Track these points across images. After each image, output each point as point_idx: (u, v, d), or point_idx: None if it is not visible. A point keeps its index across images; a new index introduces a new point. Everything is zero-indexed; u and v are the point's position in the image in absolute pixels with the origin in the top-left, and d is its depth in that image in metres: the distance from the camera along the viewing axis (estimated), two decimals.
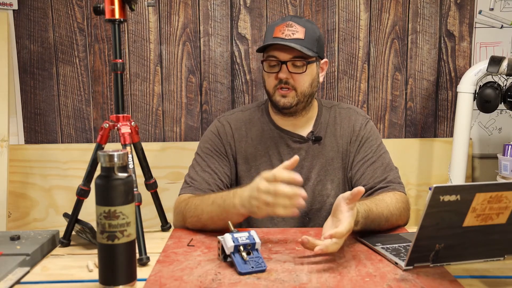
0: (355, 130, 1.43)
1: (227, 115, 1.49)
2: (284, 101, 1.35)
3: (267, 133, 1.44)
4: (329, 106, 1.49)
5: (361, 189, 1.02)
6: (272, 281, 0.92)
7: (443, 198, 0.88)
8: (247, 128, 1.45)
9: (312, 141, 1.42)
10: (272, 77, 1.35)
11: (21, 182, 2.03)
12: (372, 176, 1.36)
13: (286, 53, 1.32)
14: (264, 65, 1.37)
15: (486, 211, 0.93)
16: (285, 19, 1.36)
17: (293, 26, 1.33)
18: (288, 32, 1.32)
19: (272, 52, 1.34)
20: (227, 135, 1.44)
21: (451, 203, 0.89)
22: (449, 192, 0.88)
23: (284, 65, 1.33)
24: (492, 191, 0.91)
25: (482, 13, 2.06)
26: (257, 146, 1.43)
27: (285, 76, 1.33)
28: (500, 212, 0.94)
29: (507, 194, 0.92)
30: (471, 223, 0.93)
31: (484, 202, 0.91)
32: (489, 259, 1.00)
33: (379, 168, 1.37)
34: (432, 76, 2.10)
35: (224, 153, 1.42)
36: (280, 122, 1.44)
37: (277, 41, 1.31)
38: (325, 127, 1.44)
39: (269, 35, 1.36)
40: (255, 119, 1.47)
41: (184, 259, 1.05)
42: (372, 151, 1.40)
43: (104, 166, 0.87)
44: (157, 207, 1.27)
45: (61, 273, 1.01)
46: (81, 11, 2.02)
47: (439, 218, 0.91)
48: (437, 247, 0.95)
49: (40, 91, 2.06)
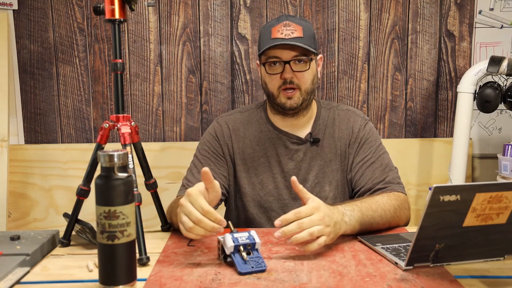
0: (354, 131, 1.43)
1: (225, 116, 1.49)
2: (291, 102, 1.35)
3: (265, 134, 1.44)
4: (328, 107, 1.48)
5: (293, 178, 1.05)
6: (272, 281, 0.92)
7: (443, 198, 0.88)
8: (245, 128, 1.45)
9: (310, 142, 1.42)
10: (275, 79, 1.34)
11: (21, 182, 2.03)
12: (371, 177, 1.36)
13: (288, 52, 1.32)
14: (265, 67, 1.35)
15: (486, 211, 0.92)
16: (280, 20, 1.35)
17: (290, 25, 1.33)
18: (287, 32, 1.32)
19: (273, 53, 1.33)
20: (225, 136, 1.44)
21: (451, 203, 0.89)
22: (449, 192, 0.88)
23: (287, 65, 1.32)
24: (492, 191, 0.91)
25: (482, 13, 2.06)
26: (255, 147, 1.43)
27: (290, 76, 1.32)
28: (500, 212, 0.93)
29: (507, 194, 0.92)
30: (471, 223, 0.93)
31: (484, 202, 0.91)
32: (489, 259, 1.00)
33: (378, 169, 1.37)
34: (432, 76, 2.10)
35: (221, 154, 1.42)
36: (279, 123, 1.44)
37: (279, 42, 1.30)
38: (323, 128, 1.44)
39: (267, 37, 1.34)
40: (254, 120, 1.47)
41: (184, 259, 1.05)
42: (371, 152, 1.40)
43: (104, 166, 0.87)
44: (157, 207, 1.27)
45: (61, 273, 1.01)
46: (81, 11, 2.02)
47: (439, 218, 0.91)
48: (437, 247, 0.95)
49: (40, 91, 2.06)
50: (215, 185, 1.05)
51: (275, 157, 1.42)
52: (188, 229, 1.00)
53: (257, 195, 1.41)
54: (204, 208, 0.98)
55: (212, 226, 0.98)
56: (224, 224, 1.00)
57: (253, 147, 1.43)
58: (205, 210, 0.98)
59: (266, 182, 1.41)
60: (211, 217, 0.98)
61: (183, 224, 1.01)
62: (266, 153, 1.42)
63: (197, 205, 0.99)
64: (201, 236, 1.01)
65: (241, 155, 1.43)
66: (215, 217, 0.98)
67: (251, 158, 1.42)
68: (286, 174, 1.40)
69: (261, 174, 1.41)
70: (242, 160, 1.42)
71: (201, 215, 0.98)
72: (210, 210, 0.99)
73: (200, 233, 1.00)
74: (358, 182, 1.38)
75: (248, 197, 1.41)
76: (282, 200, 1.40)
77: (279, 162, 1.41)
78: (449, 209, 0.90)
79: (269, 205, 1.40)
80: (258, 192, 1.41)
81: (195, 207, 0.99)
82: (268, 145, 1.43)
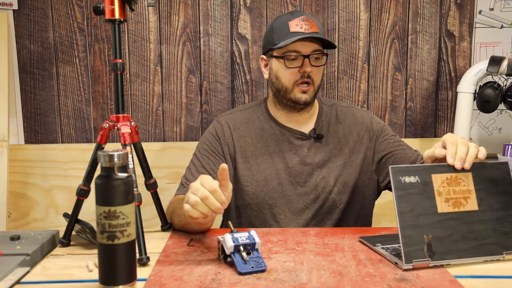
0: (367, 125, 1.46)
1: (226, 115, 1.50)
2: (306, 97, 1.37)
3: (267, 131, 1.44)
4: (329, 104, 1.51)
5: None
6: (272, 281, 0.92)
7: (403, 179, 0.99)
8: (246, 127, 1.45)
9: (314, 138, 1.43)
10: (293, 73, 1.35)
11: (21, 182, 2.03)
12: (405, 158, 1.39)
13: (308, 46, 1.34)
14: (284, 61, 1.35)
15: (451, 194, 1.02)
16: (295, 14, 1.37)
17: (308, 20, 1.36)
18: (306, 26, 1.34)
19: (293, 47, 1.34)
20: (225, 135, 1.44)
21: (413, 185, 1.00)
22: (406, 173, 1.00)
23: (307, 59, 1.34)
24: (446, 172, 1.03)
25: (482, 13, 2.06)
26: (256, 144, 1.43)
27: (310, 70, 1.34)
28: (466, 197, 1.02)
29: (461, 176, 1.03)
30: (445, 209, 1.01)
31: (444, 185, 1.02)
32: (489, 258, 1.01)
33: (407, 148, 1.42)
34: (432, 76, 2.10)
35: (221, 153, 1.42)
36: (283, 119, 1.44)
37: (301, 36, 1.31)
38: (327, 125, 1.45)
39: (284, 31, 1.35)
40: (255, 117, 1.47)
41: (184, 259, 1.05)
42: (392, 137, 1.45)
43: (104, 166, 0.87)
44: (157, 207, 1.27)
45: (61, 273, 1.01)
46: (81, 11, 2.02)
47: (412, 203, 0.99)
48: (426, 239, 0.98)
49: (40, 91, 2.06)
50: (229, 184, 1.06)
51: (278, 153, 1.42)
52: (192, 204, 1.00)
53: (261, 192, 1.40)
54: (213, 185, 1.00)
55: (217, 207, 0.99)
56: (225, 206, 1.01)
57: (255, 144, 1.43)
58: (213, 188, 0.99)
59: (270, 179, 1.40)
60: (217, 196, 0.99)
61: (188, 200, 1.01)
62: (268, 149, 1.42)
63: (207, 184, 1.00)
64: (202, 216, 1.01)
65: (243, 153, 1.42)
66: (220, 198, 1.00)
67: (253, 155, 1.42)
68: (291, 170, 1.40)
69: (264, 171, 1.41)
70: (244, 158, 1.42)
71: (209, 193, 0.99)
72: (218, 189, 1.00)
73: (203, 210, 1.00)
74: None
75: (251, 194, 1.40)
76: (287, 196, 1.40)
77: (283, 157, 1.41)
78: (415, 192, 1.00)
79: (273, 201, 1.40)
80: (261, 189, 1.40)
81: (204, 186, 1.00)
82: (271, 142, 1.43)
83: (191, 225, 1.19)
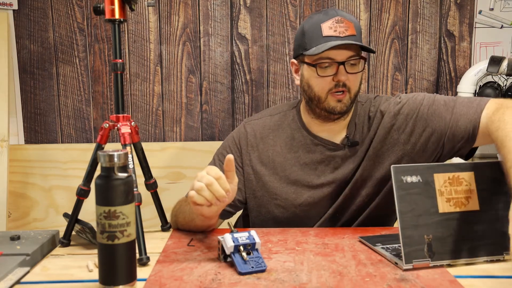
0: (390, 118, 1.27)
1: (254, 120, 1.38)
2: (341, 105, 1.23)
3: (298, 141, 1.32)
4: (364, 101, 1.34)
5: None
6: (272, 281, 0.92)
7: (405, 178, 0.98)
8: (275, 135, 1.34)
9: (348, 146, 1.29)
10: (326, 81, 1.21)
11: (21, 182, 2.03)
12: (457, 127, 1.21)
13: (343, 53, 1.20)
14: (317, 69, 1.21)
15: (453, 194, 1.01)
16: (329, 14, 1.22)
17: (343, 21, 1.21)
18: (341, 29, 1.20)
19: (326, 54, 1.19)
20: (248, 145, 1.34)
21: (415, 185, 0.99)
22: (408, 173, 0.99)
23: (341, 66, 1.20)
24: (448, 171, 1.01)
25: (482, 13, 2.06)
26: (286, 155, 1.32)
27: (345, 78, 1.20)
28: (468, 196, 1.01)
29: (464, 175, 1.02)
30: (446, 209, 1.00)
31: (447, 184, 1.00)
32: (489, 258, 1.01)
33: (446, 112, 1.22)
34: (432, 76, 2.10)
35: (239, 163, 1.34)
36: (315, 128, 1.31)
37: (335, 41, 1.18)
38: (360, 129, 1.30)
39: (317, 34, 1.20)
40: (285, 124, 1.35)
41: (184, 259, 1.05)
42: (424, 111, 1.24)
43: (104, 166, 0.87)
44: (157, 207, 1.27)
45: (61, 273, 1.01)
46: (81, 11, 2.02)
47: (413, 203, 0.98)
48: (426, 239, 0.97)
49: (40, 91, 2.06)
50: (235, 177, 1.05)
51: (310, 165, 1.30)
52: (197, 189, 1.00)
53: (291, 205, 1.31)
54: (218, 173, 1.00)
55: (222, 194, 0.99)
56: (230, 196, 1.01)
57: (285, 155, 1.32)
58: (219, 175, 0.99)
59: (301, 192, 1.30)
60: (222, 183, 0.99)
61: (193, 186, 1.01)
62: (299, 161, 1.31)
63: (212, 172, 1.00)
64: (206, 203, 1.01)
65: (271, 165, 1.32)
66: (225, 185, 1.00)
67: (282, 167, 1.31)
68: (323, 182, 1.30)
69: (295, 184, 1.31)
70: (272, 169, 1.32)
71: (214, 179, 0.99)
72: (223, 177, 1.00)
73: (207, 196, 1.00)
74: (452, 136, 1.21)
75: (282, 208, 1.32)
76: (320, 208, 1.31)
77: (316, 169, 1.30)
78: (417, 192, 0.98)
79: (305, 214, 1.31)
80: (292, 202, 1.30)
81: (210, 174, 1.00)
82: (302, 153, 1.31)
83: (195, 222, 1.18)
